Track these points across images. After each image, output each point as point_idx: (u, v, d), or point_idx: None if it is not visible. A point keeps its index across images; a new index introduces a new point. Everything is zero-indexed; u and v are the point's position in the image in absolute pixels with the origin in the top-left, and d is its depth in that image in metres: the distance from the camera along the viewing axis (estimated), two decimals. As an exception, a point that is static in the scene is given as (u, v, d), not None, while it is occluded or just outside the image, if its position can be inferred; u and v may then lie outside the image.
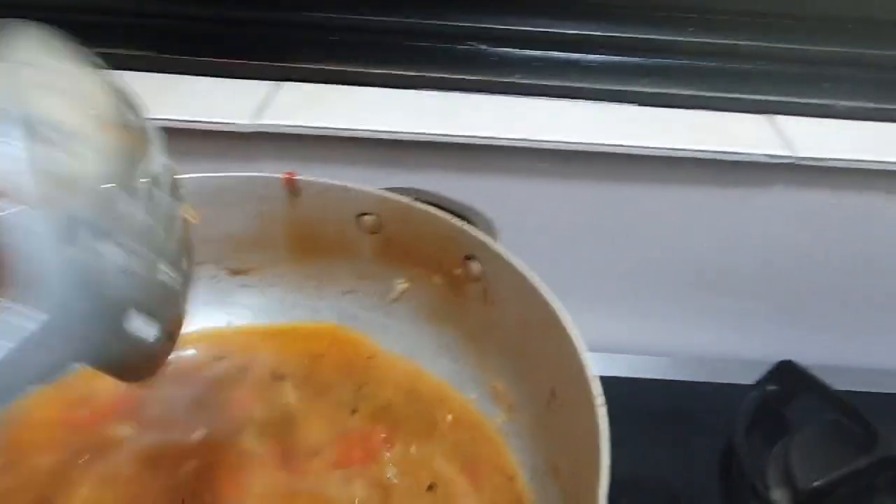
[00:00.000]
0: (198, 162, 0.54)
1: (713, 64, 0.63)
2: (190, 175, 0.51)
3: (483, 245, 0.46)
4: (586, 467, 0.39)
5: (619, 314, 0.40)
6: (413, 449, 0.47)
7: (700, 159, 0.58)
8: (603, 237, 0.62)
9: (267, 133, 0.58)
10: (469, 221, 0.48)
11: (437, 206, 0.49)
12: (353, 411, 0.49)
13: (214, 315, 0.55)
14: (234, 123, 0.58)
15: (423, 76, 0.62)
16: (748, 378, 0.62)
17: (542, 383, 0.44)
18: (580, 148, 0.58)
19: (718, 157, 0.58)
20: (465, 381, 0.51)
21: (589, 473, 0.39)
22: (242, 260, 0.54)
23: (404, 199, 0.49)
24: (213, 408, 0.49)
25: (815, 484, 0.51)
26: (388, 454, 0.46)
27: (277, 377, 0.51)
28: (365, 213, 0.51)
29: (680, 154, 0.58)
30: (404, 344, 0.53)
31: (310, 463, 0.45)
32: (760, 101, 0.61)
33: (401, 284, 0.53)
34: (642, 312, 0.61)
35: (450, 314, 0.51)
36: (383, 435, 0.47)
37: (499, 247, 0.46)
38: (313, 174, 0.51)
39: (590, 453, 0.39)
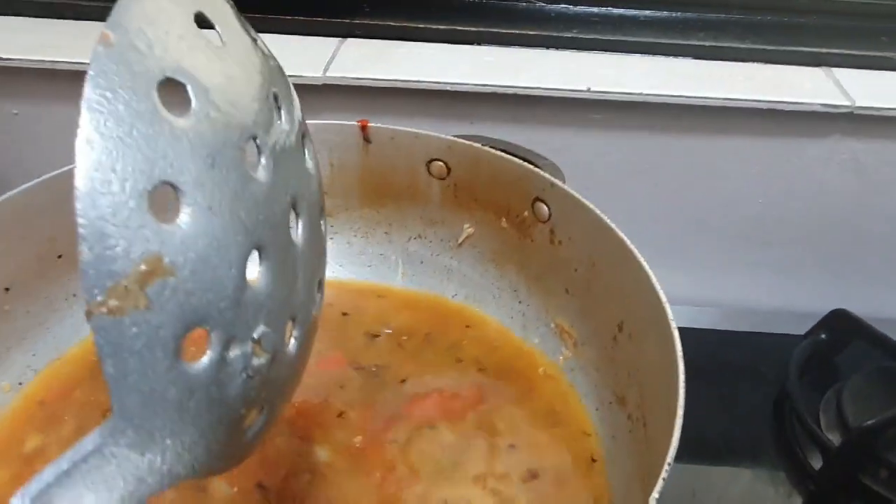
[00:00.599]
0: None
1: (769, 18, 0.64)
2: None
3: (552, 186, 0.48)
4: (655, 393, 0.41)
5: (673, 265, 0.41)
6: (499, 402, 0.48)
7: (756, 109, 0.59)
8: (659, 188, 0.64)
9: (336, 86, 0.60)
10: (536, 166, 0.50)
11: (505, 151, 0.51)
12: (447, 364, 0.51)
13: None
14: (304, 77, 0.60)
15: (484, 31, 0.63)
16: (800, 328, 0.63)
17: (609, 318, 0.46)
18: (638, 99, 0.59)
19: (775, 106, 0.59)
20: (529, 322, 0.53)
21: (657, 399, 0.41)
22: (315, 206, 0.57)
23: (473, 145, 0.51)
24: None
25: (867, 423, 0.53)
26: (479, 407, 0.48)
27: (369, 333, 0.53)
28: (434, 160, 0.53)
29: (736, 104, 0.59)
30: (468, 288, 0.56)
31: (401, 420, 0.47)
32: (817, 53, 0.62)
33: (468, 229, 0.55)
34: (696, 263, 0.63)
35: (515, 257, 0.53)
36: (473, 389, 0.49)
37: (568, 187, 0.47)
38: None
39: (659, 379, 0.41)
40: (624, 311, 0.45)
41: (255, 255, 0.24)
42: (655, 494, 0.30)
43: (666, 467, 0.31)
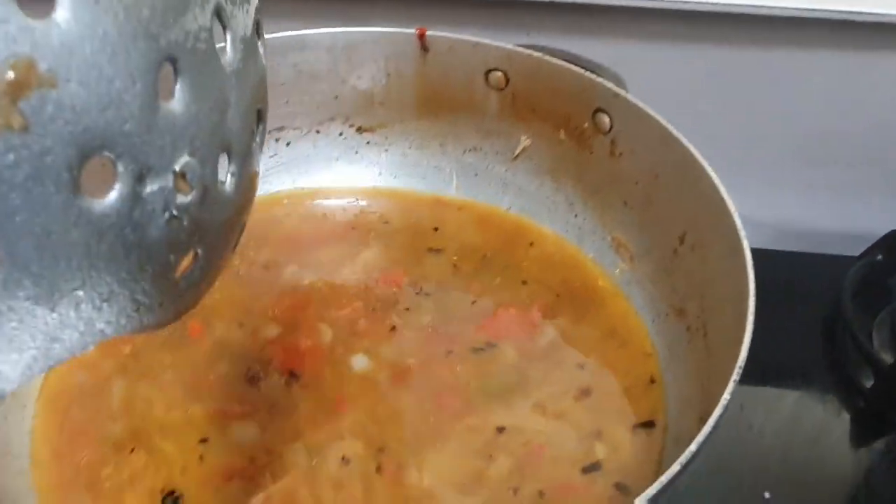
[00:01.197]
0: (327, 19, 0.55)
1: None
2: (321, 30, 0.53)
3: (615, 96, 0.47)
4: (718, 305, 0.42)
5: (730, 183, 0.41)
6: (556, 320, 0.48)
7: (827, 20, 0.57)
8: (721, 102, 0.62)
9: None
10: (598, 76, 0.49)
11: (565, 61, 0.50)
12: (505, 283, 0.51)
13: (343, 171, 0.57)
14: (358, -16, 0.59)
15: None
16: (855, 250, 0.62)
17: (670, 230, 0.46)
18: (702, 9, 0.57)
19: (847, 17, 0.56)
20: (585, 235, 0.53)
21: (720, 310, 0.41)
22: (370, 117, 0.56)
23: (534, 54, 0.50)
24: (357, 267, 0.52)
25: (922, 342, 0.53)
26: (541, 322, 0.48)
27: (427, 248, 0.53)
28: (493, 70, 0.52)
29: (806, 14, 0.57)
30: (523, 200, 0.55)
31: (456, 341, 0.47)
32: (894, -40, 0.59)
33: (524, 141, 0.54)
34: (752, 179, 0.62)
35: (572, 169, 0.53)
36: (530, 306, 0.49)
37: (632, 97, 0.46)
38: (438, 37, 0.52)
39: (723, 291, 0.41)
40: (687, 223, 0.44)
41: (170, 71, 0.20)
42: (719, 410, 0.30)
43: (732, 380, 0.31)
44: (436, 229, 0.55)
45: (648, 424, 0.42)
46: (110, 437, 0.41)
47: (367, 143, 0.57)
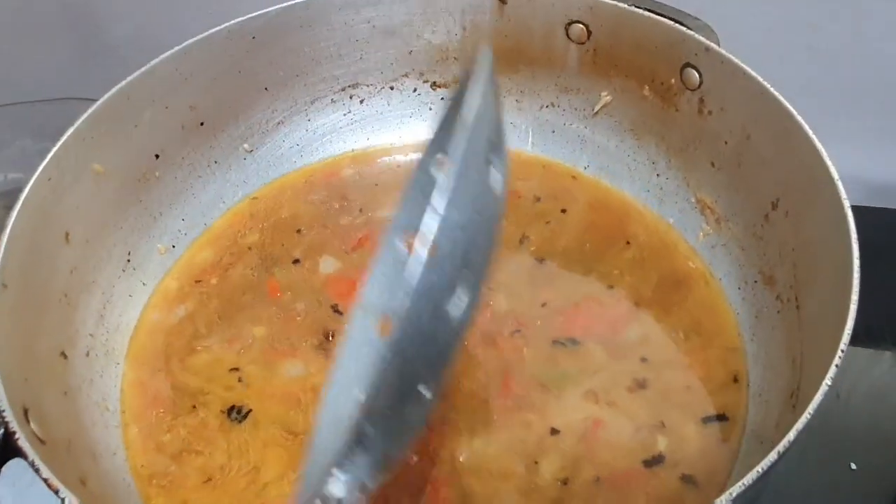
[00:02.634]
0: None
1: None
2: (395, -16, 0.51)
3: (707, 50, 0.44)
4: (813, 273, 0.40)
5: (827, 141, 0.38)
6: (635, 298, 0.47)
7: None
8: (818, 53, 0.58)
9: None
10: (687, 28, 0.46)
11: (652, 12, 0.47)
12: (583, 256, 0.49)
13: (417, 129, 0.56)
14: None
15: None
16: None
17: (761, 194, 0.44)
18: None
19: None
20: (667, 196, 0.51)
21: (816, 279, 0.39)
22: (445, 72, 0.55)
23: (618, 4, 0.48)
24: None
25: None
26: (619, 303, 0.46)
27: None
28: (574, 22, 0.50)
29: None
30: (601, 159, 0.54)
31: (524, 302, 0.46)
32: None
33: (605, 97, 0.52)
34: (849, 135, 0.58)
35: (656, 127, 0.50)
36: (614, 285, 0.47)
37: (724, 51, 0.44)
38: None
39: (820, 259, 0.39)
40: (781, 186, 0.42)
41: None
42: (828, 381, 0.29)
43: (840, 351, 0.30)
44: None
45: (721, 418, 0.41)
46: (188, 391, 0.43)
47: (442, 99, 0.56)
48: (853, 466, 0.47)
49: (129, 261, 0.47)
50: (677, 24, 0.46)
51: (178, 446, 0.41)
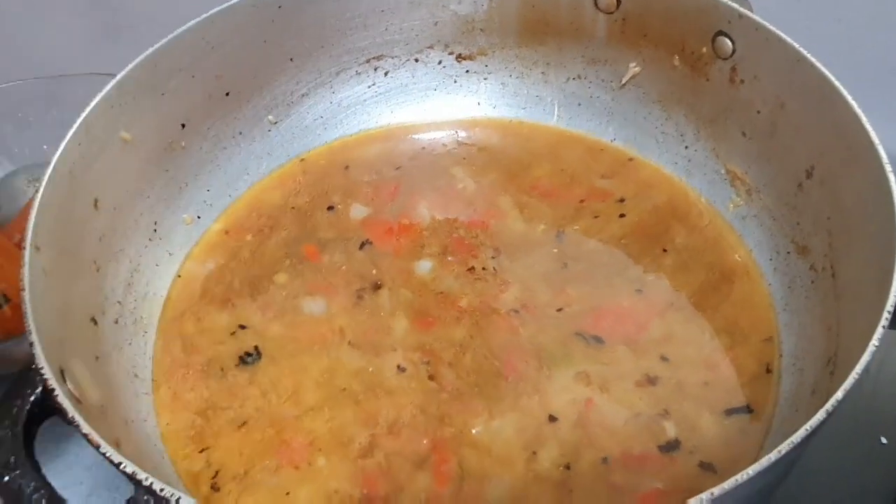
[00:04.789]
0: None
1: None
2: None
3: (740, 18, 0.44)
4: (850, 243, 0.39)
5: (867, 109, 0.37)
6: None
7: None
8: (850, 24, 0.57)
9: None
10: (719, -5, 0.45)
11: (683, -20, 0.47)
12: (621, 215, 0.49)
13: (441, 102, 0.56)
14: None
15: None
16: None
17: (795, 163, 0.43)
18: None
19: None
20: (695, 168, 0.50)
21: (853, 248, 0.39)
22: (470, 44, 0.55)
23: (649, -27, 0.47)
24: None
25: None
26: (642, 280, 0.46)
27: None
28: (603, -9, 0.49)
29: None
30: (628, 131, 0.53)
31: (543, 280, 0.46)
32: None
33: (633, 68, 0.51)
34: (887, 109, 0.57)
35: (685, 98, 0.50)
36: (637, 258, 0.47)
37: (759, 18, 0.43)
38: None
39: (858, 228, 0.38)
40: (816, 154, 0.41)
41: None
42: (874, 342, 0.29)
43: (886, 312, 0.30)
44: (533, 161, 0.53)
45: (747, 409, 0.40)
46: (217, 358, 0.44)
47: (467, 71, 0.56)
48: (884, 441, 0.47)
49: (155, 230, 0.47)
50: (709, -8, 0.45)
51: (206, 405, 0.41)
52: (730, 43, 0.45)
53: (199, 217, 0.50)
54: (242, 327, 0.45)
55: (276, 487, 0.38)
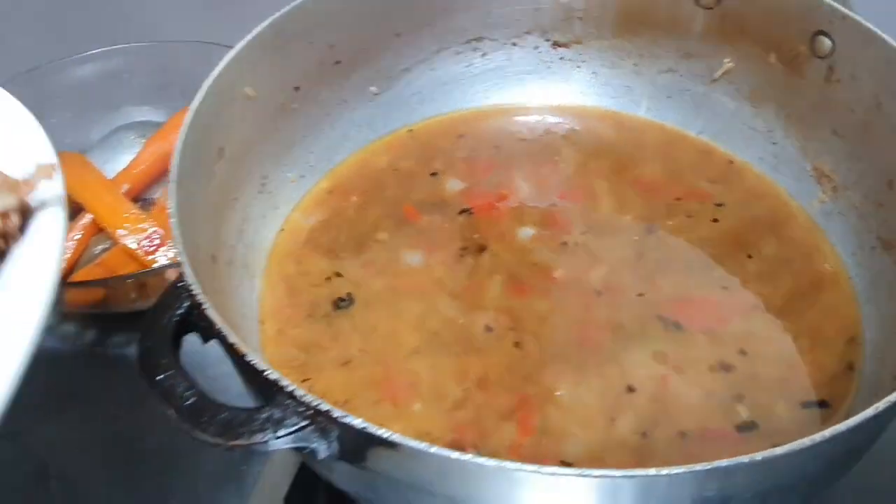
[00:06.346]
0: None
1: None
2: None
3: (843, 18, 0.45)
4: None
5: None
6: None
7: None
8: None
9: None
10: (821, -5, 0.47)
11: (785, -21, 0.48)
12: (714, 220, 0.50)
13: (533, 86, 0.58)
14: None
15: None
16: None
17: (887, 161, 0.45)
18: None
19: None
20: (782, 164, 0.52)
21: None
22: (567, 32, 0.57)
23: (752, -29, 0.49)
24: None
25: None
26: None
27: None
28: (705, -14, 0.51)
29: None
30: (716, 125, 0.55)
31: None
32: None
33: (727, 64, 0.53)
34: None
35: (777, 95, 0.51)
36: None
37: (861, 19, 0.45)
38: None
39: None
40: (911, 153, 0.43)
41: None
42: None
43: None
44: (621, 149, 0.55)
45: (822, 404, 0.41)
46: (317, 302, 0.47)
47: (561, 58, 0.58)
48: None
49: (264, 184, 0.50)
50: (812, -9, 0.47)
51: (310, 343, 0.44)
52: (829, 42, 0.47)
53: (302, 176, 0.53)
54: (338, 275, 0.47)
55: (372, 420, 0.40)
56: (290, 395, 0.29)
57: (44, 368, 0.61)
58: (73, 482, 0.54)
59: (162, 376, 0.30)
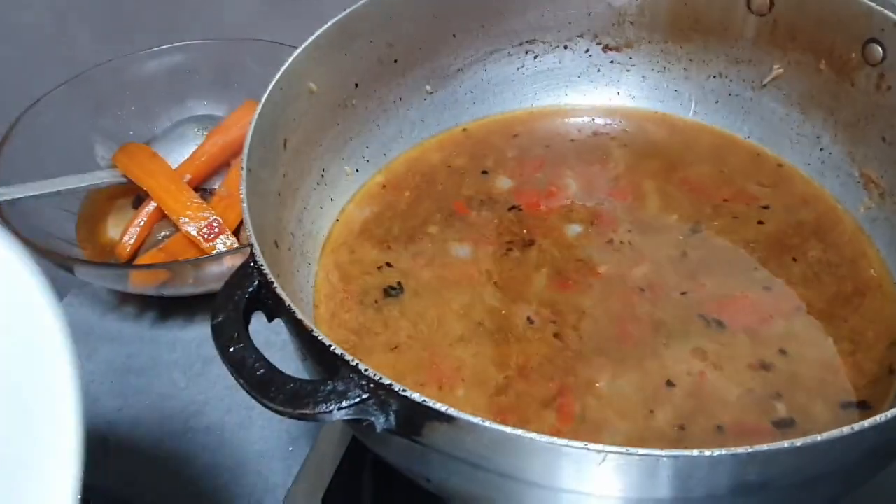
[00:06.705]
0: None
1: None
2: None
3: (893, 25, 0.46)
4: None
5: None
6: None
7: None
8: None
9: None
10: (875, 2, 0.48)
11: (838, -13, 0.49)
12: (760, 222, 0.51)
13: (582, 89, 0.60)
14: None
15: None
16: None
17: (936, 168, 0.45)
18: None
19: None
20: (828, 170, 0.52)
21: None
22: (618, 36, 0.58)
23: (806, -22, 0.50)
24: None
25: None
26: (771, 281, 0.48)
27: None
28: (757, -7, 0.52)
29: None
30: (764, 131, 0.55)
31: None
32: None
33: (776, 70, 0.54)
34: None
35: (826, 101, 0.52)
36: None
37: (915, 28, 0.45)
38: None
39: None
40: (961, 160, 0.43)
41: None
42: None
43: None
44: (670, 151, 0.56)
45: (862, 405, 0.42)
46: (368, 288, 0.49)
47: (611, 62, 0.59)
48: None
49: (322, 176, 0.52)
50: (866, -1, 0.47)
51: (361, 327, 0.46)
52: (881, 50, 0.47)
53: (357, 170, 0.55)
54: (389, 265, 0.50)
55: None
56: (354, 369, 0.31)
57: (106, 346, 0.65)
58: (130, 454, 0.57)
59: (234, 349, 0.32)
